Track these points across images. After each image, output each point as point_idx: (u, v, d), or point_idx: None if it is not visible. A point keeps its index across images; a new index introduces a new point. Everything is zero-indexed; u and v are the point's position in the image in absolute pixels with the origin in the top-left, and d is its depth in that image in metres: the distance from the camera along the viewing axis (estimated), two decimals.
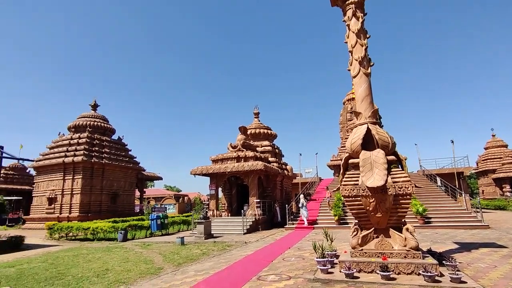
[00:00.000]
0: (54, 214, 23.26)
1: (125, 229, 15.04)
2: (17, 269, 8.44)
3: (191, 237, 14.78)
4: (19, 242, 13.32)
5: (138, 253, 10.78)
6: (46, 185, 24.79)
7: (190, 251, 10.72)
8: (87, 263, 9.11)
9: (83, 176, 23.83)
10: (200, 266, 8.03)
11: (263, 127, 25.28)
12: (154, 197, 49.18)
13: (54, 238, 16.33)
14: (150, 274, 7.34)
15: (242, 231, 15.85)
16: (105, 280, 6.88)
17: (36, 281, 7.05)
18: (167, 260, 9.12)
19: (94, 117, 28.33)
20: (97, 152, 25.51)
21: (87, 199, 23.84)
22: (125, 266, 8.48)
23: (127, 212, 26.94)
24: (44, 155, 25.77)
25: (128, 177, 28.42)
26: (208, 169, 19.43)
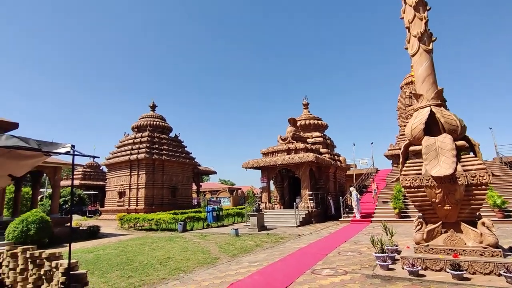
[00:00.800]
0: (123, 207, 25.80)
1: (184, 221, 15.98)
2: (95, 255, 9.51)
3: (245, 229, 15.10)
4: (96, 231, 15.03)
5: (196, 243, 11.35)
6: (116, 181, 27.58)
7: (244, 243, 10.94)
8: (152, 251, 9.87)
9: (146, 171, 25.93)
10: (254, 258, 8.13)
11: (313, 117, 24.62)
12: (210, 191, 51.53)
13: (124, 228, 18.10)
14: (207, 264, 7.65)
15: (295, 224, 15.71)
16: (167, 268, 7.36)
17: (110, 266, 7.83)
18: (222, 251, 9.43)
19: (153, 117, 30.53)
20: (157, 150, 27.50)
21: (150, 193, 25.92)
22: (185, 255, 8.98)
23: (185, 205, 28.66)
24: (113, 153, 28.64)
25: (185, 172, 30.15)
26: (259, 162, 19.61)
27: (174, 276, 6.53)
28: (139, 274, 6.77)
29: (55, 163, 15.32)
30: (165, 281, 6.09)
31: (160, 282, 6.03)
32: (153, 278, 6.42)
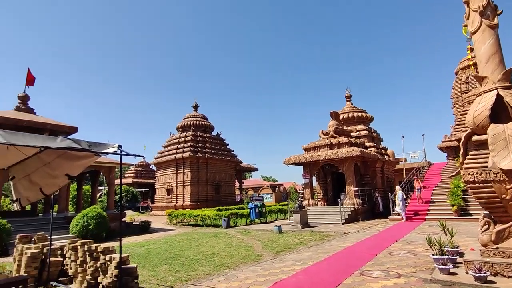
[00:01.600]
0: (171, 203, 27.13)
1: (228, 217, 16.26)
2: (146, 249, 10.05)
3: (288, 225, 14.90)
4: (147, 226, 15.95)
5: (239, 239, 11.45)
6: (164, 178, 29.09)
7: (288, 240, 10.77)
8: (197, 246, 10.15)
9: (191, 169, 26.95)
10: (298, 256, 7.92)
11: (356, 110, 23.47)
12: (252, 187, 52.09)
13: (172, 223, 18.99)
14: (250, 261, 7.63)
15: (340, 221, 15.12)
16: (212, 263, 7.48)
17: (159, 260, 8.19)
18: (266, 248, 9.36)
19: (196, 116, 31.59)
20: (201, 148, 28.41)
21: (195, 190, 26.90)
22: (229, 251, 9.08)
23: (229, 201, 29.25)
24: (161, 153, 30.23)
25: (228, 169, 30.77)
26: (300, 158, 19.23)
27: (219, 272, 6.59)
28: (185, 269, 6.96)
29: (109, 163, 16.54)
30: (209, 277, 6.17)
31: (205, 278, 6.12)
32: (198, 273, 6.55)
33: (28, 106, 16.45)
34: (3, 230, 10.31)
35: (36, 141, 3.86)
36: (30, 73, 16.80)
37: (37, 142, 3.85)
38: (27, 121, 14.42)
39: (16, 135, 3.72)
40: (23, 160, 5.49)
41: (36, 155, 5.22)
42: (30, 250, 6.23)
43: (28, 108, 16.29)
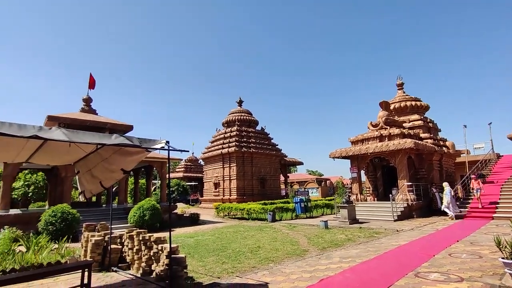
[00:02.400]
0: (219, 196, 28.08)
1: (273, 211, 16.31)
2: (195, 240, 10.52)
3: (335, 221, 14.47)
4: (197, 219, 16.71)
5: (285, 233, 11.40)
6: (211, 173, 30.18)
7: (334, 236, 10.44)
8: (243, 239, 10.34)
9: (236, 164, 27.54)
10: (346, 253, 7.62)
11: (409, 98, 21.75)
12: (297, 181, 51.61)
13: (220, 216, 19.64)
14: (295, 255, 7.54)
15: (392, 218, 14.24)
16: (257, 256, 7.55)
17: (207, 251, 8.51)
18: (311, 243, 9.19)
19: (240, 112, 32.09)
20: (245, 143, 28.85)
21: (241, 184, 27.45)
22: (274, 245, 9.09)
23: (274, 195, 29.35)
24: (208, 148, 31.38)
25: (272, 163, 30.84)
26: (347, 151, 18.47)
27: (264, 265, 6.62)
28: (232, 261, 7.13)
29: (161, 158, 17.60)
30: (255, 270, 6.23)
31: (250, 271, 6.19)
32: (244, 266, 6.66)
33: (91, 107, 18.18)
34: (73, 219, 11.59)
35: (94, 138, 4.20)
36: (92, 77, 18.53)
37: (94, 140, 4.19)
38: (90, 121, 15.95)
39: (77, 134, 4.08)
40: (86, 156, 6.06)
41: (96, 151, 5.72)
42: (94, 237, 6.90)
43: (91, 109, 18.01)
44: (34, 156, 5.51)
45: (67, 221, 11.38)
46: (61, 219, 11.26)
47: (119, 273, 6.36)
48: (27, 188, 20.18)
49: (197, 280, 5.64)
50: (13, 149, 5.02)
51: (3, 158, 6.13)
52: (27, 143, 4.65)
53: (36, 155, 5.46)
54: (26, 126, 3.60)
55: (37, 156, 5.54)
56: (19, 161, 5.88)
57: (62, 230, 11.10)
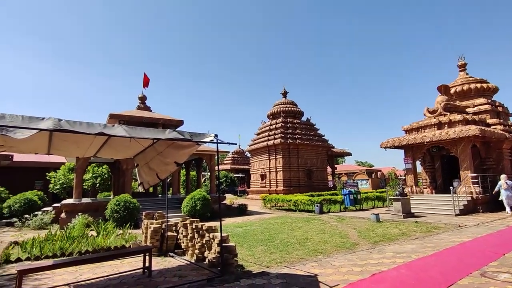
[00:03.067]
0: (265, 188, 28.44)
1: (321, 203, 16.06)
2: (243, 230, 10.85)
3: (387, 214, 13.78)
4: (244, 209, 17.17)
5: (333, 226, 11.18)
6: (258, 165, 30.63)
7: (387, 230, 9.95)
8: (291, 230, 10.38)
9: (282, 155, 27.55)
10: (400, 248, 7.23)
11: (474, 80, 19.52)
12: (346, 173, 49.94)
13: (267, 207, 19.92)
14: (345, 248, 7.37)
15: (453, 212, 13.10)
16: (305, 248, 7.54)
17: (255, 241, 8.73)
18: (362, 236, 8.89)
19: (285, 103, 31.87)
20: (291, 134, 28.65)
21: (287, 176, 27.43)
22: (322, 237, 8.98)
23: (321, 187, 28.83)
24: (254, 140, 31.83)
25: (319, 154, 30.23)
26: (400, 140, 17.32)
27: (312, 257, 6.60)
28: (280, 252, 7.22)
29: (210, 151, 18.32)
30: (303, 261, 6.23)
31: (298, 262, 6.21)
32: (292, 256, 6.70)
33: (146, 104, 19.55)
34: (134, 208, 12.71)
35: (150, 134, 4.54)
36: (146, 76, 19.87)
37: (151, 135, 4.52)
38: (146, 117, 17.18)
39: (136, 130, 4.44)
40: (143, 150, 6.57)
41: (152, 146, 6.16)
42: (153, 225, 7.49)
43: (146, 106, 19.38)
44: (100, 151, 6.13)
45: (129, 209, 12.51)
46: (124, 208, 12.42)
47: (175, 258, 6.85)
48: (95, 180, 22.53)
49: (246, 268, 5.83)
50: (83, 145, 5.65)
51: (75, 153, 6.93)
52: (94, 139, 5.18)
53: (102, 150, 6.06)
54: (94, 124, 4.01)
55: (103, 150, 6.15)
56: (88, 155, 6.59)
57: (125, 217, 12.26)
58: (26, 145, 5.23)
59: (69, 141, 5.32)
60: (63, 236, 8.57)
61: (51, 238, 8.36)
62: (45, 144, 5.30)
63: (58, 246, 7.63)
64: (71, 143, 5.50)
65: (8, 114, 3.50)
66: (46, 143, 5.28)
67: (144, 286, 4.97)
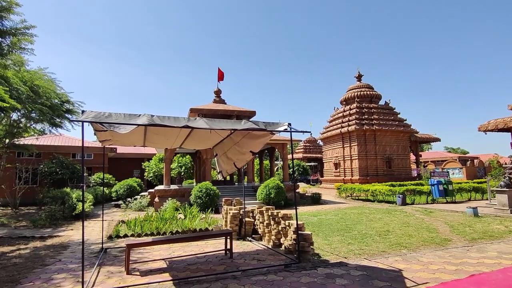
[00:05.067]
0: (339, 177, 27.45)
1: (403, 193, 14.78)
2: (318, 219, 10.73)
3: (488, 208, 11.91)
4: (318, 198, 16.93)
5: (419, 219, 10.19)
6: (331, 153, 29.70)
7: (488, 226, 8.61)
8: (369, 222, 9.84)
9: (357, 143, 26.09)
10: (506, 247, 6.19)
11: None
12: (433, 161, 44.60)
13: (342, 197, 19.25)
14: (434, 244, 6.66)
15: None
16: (387, 241, 7.07)
17: (331, 230, 8.55)
18: (455, 232, 7.89)
19: (360, 87, 29.87)
20: (367, 120, 26.84)
21: (364, 164, 25.92)
22: (406, 230, 8.28)
23: (403, 177, 26.43)
24: (326, 128, 30.87)
25: (400, 141, 27.68)
26: (506, 122, 14.57)
27: (395, 251, 6.15)
28: (358, 243, 6.94)
29: (282, 140, 18.49)
30: (385, 255, 5.87)
31: (379, 255, 5.87)
32: (372, 249, 6.37)
33: (221, 97, 20.70)
34: (214, 194, 13.74)
35: (227, 125, 4.81)
36: (220, 70, 20.98)
37: (228, 126, 4.79)
38: (221, 110, 18.22)
39: (215, 122, 4.75)
40: (221, 141, 7.01)
41: (229, 136, 6.53)
42: (232, 211, 7.99)
43: (221, 100, 20.53)
44: (185, 142, 6.77)
45: (210, 196, 13.59)
46: (205, 194, 13.54)
47: (253, 243, 7.21)
48: (180, 169, 25.08)
49: (323, 257, 5.78)
50: (171, 137, 6.31)
51: (165, 144, 7.80)
52: (180, 132, 5.74)
53: (186, 141, 6.69)
54: (179, 118, 4.44)
55: (187, 142, 6.78)
56: (175, 146, 7.35)
57: (207, 203, 13.37)
58: (127, 139, 6.10)
59: (160, 134, 6.01)
60: (158, 218, 9.84)
61: (148, 219, 9.68)
62: (141, 137, 6.10)
63: (155, 226, 8.80)
64: (161, 135, 6.21)
65: (114, 112, 4.12)
66: (142, 137, 6.07)
67: (226, 266, 5.38)
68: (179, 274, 4.94)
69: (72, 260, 6.08)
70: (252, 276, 4.77)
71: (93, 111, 4.11)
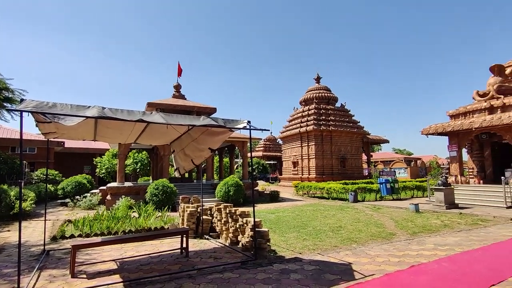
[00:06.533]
0: (297, 175, 28.27)
1: (355, 191, 15.66)
2: (276, 216, 10.93)
3: (428, 205, 13.10)
4: (277, 196, 17.26)
5: (368, 215, 10.88)
6: (289, 152, 30.45)
7: (427, 221, 9.47)
8: (324, 218, 10.27)
9: (315, 143, 27.07)
10: (441, 240, 6.86)
11: None
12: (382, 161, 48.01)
13: (299, 194, 19.85)
14: (381, 238, 7.15)
15: (504, 204, 12.10)
16: (339, 236, 7.43)
17: (288, 227, 8.77)
18: (399, 227, 8.55)
19: (319, 89, 31.00)
20: (324, 121, 27.96)
21: (320, 163, 26.99)
22: (356, 226, 8.78)
23: (356, 175, 28.03)
24: (286, 127, 31.57)
25: (353, 141, 29.28)
26: (445, 126, 16.17)
27: (346, 245, 6.49)
28: (312, 238, 7.19)
29: (242, 138, 18.51)
30: (336, 249, 6.16)
31: (332, 250, 6.15)
32: (325, 244, 6.65)
33: (181, 93, 20.11)
34: (171, 192, 13.33)
35: (185, 120, 4.66)
36: (180, 66, 20.36)
37: (186, 121, 4.65)
38: (180, 105, 17.71)
39: (172, 117, 4.58)
40: (179, 137, 6.80)
41: (187, 132, 6.35)
42: (189, 208, 7.80)
43: (180, 95, 19.94)
44: (140, 137, 6.44)
45: (167, 193, 13.14)
46: (162, 192, 13.07)
47: (210, 241, 7.11)
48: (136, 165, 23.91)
49: (279, 254, 5.89)
50: (125, 131, 5.96)
51: (118, 139, 7.36)
52: (134, 126, 5.44)
53: (142, 136, 6.37)
54: (134, 111, 4.20)
55: (142, 137, 6.46)
56: (129, 142, 6.97)
57: (163, 201, 12.92)
58: (75, 132, 5.64)
59: (113, 128, 5.65)
60: (109, 217, 9.26)
61: (99, 218, 9.07)
62: (91, 131, 5.67)
63: (105, 225, 8.27)
64: (114, 130, 5.83)
65: (59, 103, 3.77)
66: (92, 130, 5.65)
67: (182, 265, 5.24)
68: (130, 275, 4.70)
69: (8, 265, 5.47)
70: (208, 274, 4.70)
71: (34, 100, 3.72)
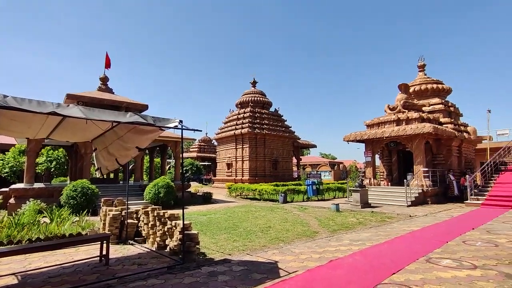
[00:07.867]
0: (231, 177, 28.46)
1: (285, 193, 16.44)
2: (207, 218, 10.80)
3: (347, 204, 14.48)
4: (209, 197, 17.08)
5: (295, 215, 11.52)
6: (224, 153, 30.48)
7: (346, 219, 10.47)
8: (254, 219, 10.53)
9: (249, 145, 27.64)
10: (356, 236, 7.66)
11: (430, 81, 20.86)
12: (310, 164, 51.51)
13: (232, 196, 19.99)
14: (305, 237, 7.64)
15: (406, 203, 14.11)
16: (268, 236, 7.70)
17: (219, 229, 8.73)
18: (322, 225, 9.26)
19: (254, 93, 31.79)
20: (259, 124, 28.77)
21: (254, 165, 27.66)
22: (284, 225, 9.22)
23: (286, 177, 29.49)
24: (221, 129, 31.52)
25: (285, 145, 30.77)
26: (362, 134, 18.15)
27: (274, 245, 6.76)
28: (242, 239, 7.30)
29: (176, 138, 17.84)
30: (265, 249, 6.36)
31: (260, 249, 6.33)
32: (254, 244, 6.81)
33: (108, 86, 18.43)
34: (92, 194, 12.08)
35: (109, 116, 4.27)
36: (108, 56, 18.66)
37: (110, 117, 4.26)
38: (107, 99, 16.22)
39: (93, 111, 4.15)
40: (102, 134, 6.20)
41: (112, 129, 5.83)
42: (112, 212, 7.17)
43: (108, 88, 18.27)
44: (54, 132, 5.68)
45: (87, 195, 11.87)
46: (81, 194, 11.76)
47: (135, 246, 6.65)
48: (50, 164, 21.04)
49: (208, 256, 5.83)
50: (34, 125, 5.18)
51: (25, 134, 6.36)
52: (47, 119, 4.78)
53: (56, 131, 5.62)
54: (45, 102, 3.68)
55: (57, 132, 5.71)
56: (40, 137, 6.08)
57: (82, 204, 11.62)
58: None
59: (18, 120, 4.85)
60: (11, 223, 7.91)
61: None
62: None
63: (5, 234, 7.00)
64: (20, 122, 5.01)
65: None
66: None
67: (100, 274, 4.78)
68: None
69: None
70: (130, 282, 4.37)
71: None
